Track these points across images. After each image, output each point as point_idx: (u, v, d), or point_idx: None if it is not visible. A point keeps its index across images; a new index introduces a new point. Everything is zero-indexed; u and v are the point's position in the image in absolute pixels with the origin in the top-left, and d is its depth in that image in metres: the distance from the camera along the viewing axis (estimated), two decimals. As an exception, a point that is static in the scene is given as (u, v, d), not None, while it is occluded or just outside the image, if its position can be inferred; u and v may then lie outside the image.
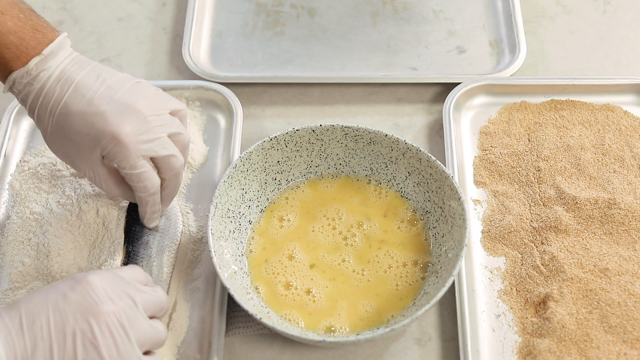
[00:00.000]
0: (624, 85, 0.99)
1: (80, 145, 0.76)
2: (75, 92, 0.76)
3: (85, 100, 0.75)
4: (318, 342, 0.76)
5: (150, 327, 0.68)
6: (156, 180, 0.79)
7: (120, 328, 0.66)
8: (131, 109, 0.76)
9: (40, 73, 0.76)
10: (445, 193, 0.84)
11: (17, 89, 0.77)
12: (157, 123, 0.77)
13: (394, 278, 0.83)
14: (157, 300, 0.71)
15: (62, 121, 0.76)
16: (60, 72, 0.76)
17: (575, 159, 0.92)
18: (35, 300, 0.66)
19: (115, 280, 0.68)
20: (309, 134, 0.88)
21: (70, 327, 0.65)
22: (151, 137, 0.77)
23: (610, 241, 0.85)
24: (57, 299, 0.66)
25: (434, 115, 0.99)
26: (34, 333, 0.64)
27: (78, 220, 0.85)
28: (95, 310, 0.65)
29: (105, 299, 0.66)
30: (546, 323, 0.80)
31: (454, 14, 1.10)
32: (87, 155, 0.77)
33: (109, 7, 1.12)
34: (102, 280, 0.68)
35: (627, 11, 1.11)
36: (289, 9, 1.11)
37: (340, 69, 1.04)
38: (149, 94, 0.78)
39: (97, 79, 0.77)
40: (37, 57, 0.76)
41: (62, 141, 0.77)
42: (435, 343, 0.82)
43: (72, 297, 0.66)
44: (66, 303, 0.65)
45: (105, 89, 0.76)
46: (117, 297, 0.67)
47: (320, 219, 0.87)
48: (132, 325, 0.67)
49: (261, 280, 0.83)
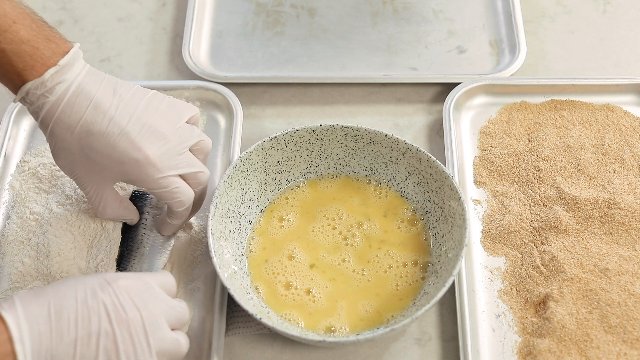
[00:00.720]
0: (624, 85, 0.99)
1: (99, 166, 0.76)
2: (95, 110, 0.75)
3: (107, 118, 0.75)
4: (318, 342, 0.76)
5: (172, 339, 0.69)
6: (190, 193, 0.79)
7: (142, 336, 0.66)
8: (152, 129, 0.76)
9: (56, 86, 0.74)
10: (445, 193, 0.84)
11: (30, 100, 0.75)
12: (177, 139, 0.77)
13: (394, 278, 0.83)
14: (181, 313, 0.71)
15: (82, 139, 0.75)
16: (77, 86, 0.75)
17: (575, 159, 0.92)
18: (64, 293, 0.65)
19: (145, 289, 0.68)
20: (309, 134, 0.88)
21: (96, 327, 0.64)
22: (175, 154, 0.77)
23: (610, 241, 0.85)
24: (86, 295, 0.65)
25: (434, 115, 0.99)
26: (61, 326, 0.64)
27: (78, 220, 0.85)
28: (122, 316, 0.65)
29: (131, 306, 0.66)
30: (546, 323, 0.80)
31: (454, 14, 1.10)
32: (102, 177, 0.77)
33: (109, 7, 1.12)
34: (132, 286, 0.67)
35: (627, 11, 1.11)
36: (289, 9, 1.11)
37: (340, 69, 1.04)
38: (163, 109, 0.78)
39: (114, 95, 0.76)
40: (53, 68, 0.74)
41: (76, 158, 0.76)
42: (435, 343, 0.82)
43: (101, 296, 0.66)
44: (95, 301, 0.65)
45: (124, 106, 0.76)
46: (143, 306, 0.67)
47: (320, 219, 0.87)
48: (154, 335, 0.67)
49: (261, 280, 0.83)
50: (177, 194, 0.78)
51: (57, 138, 0.76)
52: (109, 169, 0.76)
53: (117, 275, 0.68)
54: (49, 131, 0.76)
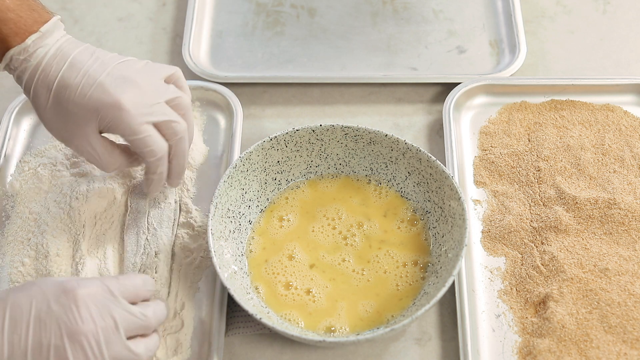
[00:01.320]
0: (624, 85, 0.99)
1: (78, 117, 0.77)
2: (71, 67, 0.78)
3: (82, 73, 0.77)
4: (318, 342, 0.76)
5: (128, 350, 0.69)
6: (162, 143, 0.80)
7: (96, 349, 0.67)
8: (127, 80, 0.78)
9: (37, 50, 0.78)
10: (445, 193, 0.84)
11: (14, 66, 0.79)
12: (152, 91, 0.79)
13: (394, 278, 0.83)
14: (142, 319, 0.71)
15: (59, 94, 0.77)
16: (56, 49, 0.78)
17: (575, 159, 0.92)
18: (21, 304, 0.67)
19: (103, 297, 0.69)
20: (309, 134, 0.88)
21: (47, 342, 0.66)
22: (149, 104, 0.78)
23: (610, 241, 0.85)
24: (40, 307, 0.67)
25: (434, 115, 0.99)
26: (13, 340, 0.66)
27: (68, 218, 0.85)
28: (74, 329, 0.66)
29: (86, 318, 0.67)
30: (546, 323, 0.80)
31: (454, 14, 1.10)
32: (84, 128, 0.78)
33: (109, 7, 1.12)
34: (89, 295, 0.68)
35: (627, 11, 1.11)
36: (289, 9, 1.11)
37: (340, 69, 1.04)
38: (139, 67, 0.80)
39: (91, 55, 0.79)
40: (34, 34, 0.78)
41: (58, 116, 0.78)
42: (435, 343, 0.82)
43: (54, 309, 0.67)
44: (48, 315, 0.67)
45: (100, 64, 0.78)
46: (99, 316, 0.68)
47: (320, 219, 0.87)
48: (109, 347, 0.67)
49: (261, 280, 0.83)
50: (149, 143, 0.79)
51: (40, 99, 0.78)
52: (88, 118, 0.77)
53: (78, 283, 0.69)
54: (32, 93, 0.79)
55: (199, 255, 0.86)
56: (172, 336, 0.80)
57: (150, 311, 0.72)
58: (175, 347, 0.79)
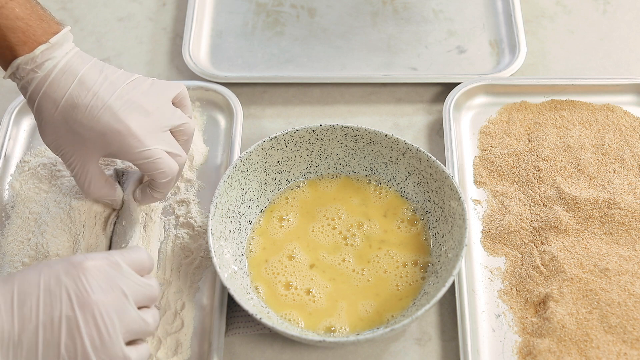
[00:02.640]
0: (624, 85, 0.99)
1: (83, 139, 0.77)
2: (80, 85, 0.77)
3: (91, 93, 0.77)
4: (318, 342, 0.76)
5: (139, 318, 0.69)
6: (173, 164, 0.80)
7: (107, 318, 0.66)
8: (135, 104, 0.78)
9: (45, 62, 0.77)
10: (445, 193, 0.84)
11: (20, 75, 0.78)
12: (160, 116, 0.79)
13: (394, 278, 0.83)
14: (149, 290, 0.71)
15: (66, 112, 0.77)
16: (65, 63, 0.78)
17: (575, 159, 0.92)
18: (29, 279, 0.66)
19: (111, 269, 0.69)
20: (309, 134, 0.88)
21: (58, 313, 0.65)
22: (158, 129, 0.78)
23: (610, 241, 0.85)
24: (50, 281, 0.66)
25: (434, 115, 0.99)
26: (23, 314, 0.65)
27: (68, 218, 0.85)
28: (85, 300, 0.66)
29: (96, 288, 0.67)
30: (546, 323, 0.80)
31: (454, 14, 1.10)
32: (86, 150, 0.78)
33: (109, 7, 1.12)
34: (97, 267, 0.68)
35: (627, 11, 1.11)
36: (289, 9, 1.11)
37: (340, 69, 1.04)
38: (146, 88, 0.80)
39: (100, 73, 0.78)
40: (44, 45, 0.77)
41: (61, 133, 0.78)
42: (435, 343, 0.82)
43: (64, 281, 0.66)
44: (57, 287, 0.66)
45: (109, 84, 0.78)
46: (108, 287, 0.68)
47: (320, 219, 0.87)
48: (120, 316, 0.67)
49: (261, 280, 0.83)
50: (161, 166, 0.79)
51: (44, 113, 0.78)
52: (93, 141, 0.77)
53: (84, 257, 0.69)
54: (36, 106, 0.78)
55: (199, 255, 0.86)
56: (172, 336, 0.80)
57: (154, 281, 0.72)
58: (175, 347, 0.79)
